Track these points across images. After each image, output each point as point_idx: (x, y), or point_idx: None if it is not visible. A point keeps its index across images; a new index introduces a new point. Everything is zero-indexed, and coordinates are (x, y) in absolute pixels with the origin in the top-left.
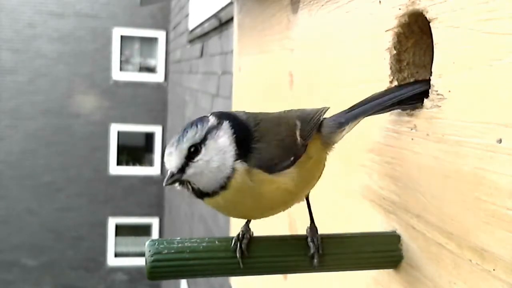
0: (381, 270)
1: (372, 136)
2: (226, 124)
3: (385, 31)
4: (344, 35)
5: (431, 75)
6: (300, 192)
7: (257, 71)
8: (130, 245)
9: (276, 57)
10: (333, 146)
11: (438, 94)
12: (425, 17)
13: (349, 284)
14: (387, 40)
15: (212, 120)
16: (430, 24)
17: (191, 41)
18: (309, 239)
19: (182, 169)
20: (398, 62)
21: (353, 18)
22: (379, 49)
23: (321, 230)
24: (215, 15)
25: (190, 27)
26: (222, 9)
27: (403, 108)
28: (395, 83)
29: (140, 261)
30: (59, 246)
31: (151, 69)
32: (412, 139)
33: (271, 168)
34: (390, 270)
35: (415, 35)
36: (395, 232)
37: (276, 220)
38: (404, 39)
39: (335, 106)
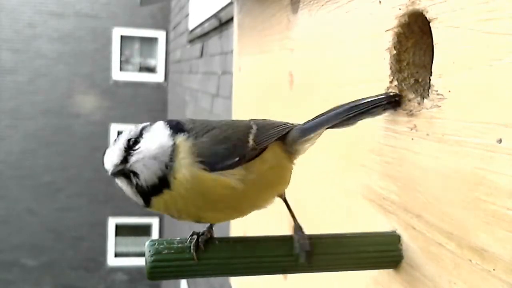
0: (381, 270)
1: (372, 136)
2: (159, 122)
3: (385, 31)
4: (344, 35)
5: (431, 75)
6: (254, 195)
7: (257, 71)
8: (130, 245)
9: (276, 57)
10: (297, 156)
11: (438, 94)
12: (425, 17)
13: (349, 284)
14: (387, 40)
15: (145, 123)
16: (430, 24)
17: (191, 41)
18: (295, 239)
19: (125, 160)
20: (398, 62)
21: (353, 18)
22: (379, 49)
23: (321, 230)
24: (215, 15)
25: (190, 27)
26: (222, 9)
27: (371, 115)
28: (395, 83)
29: (140, 261)
30: (59, 246)
31: (151, 69)
32: (412, 139)
33: (212, 163)
34: (390, 270)
35: (415, 35)
36: (395, 232)
37: (276, 220)
38: (404, 39)
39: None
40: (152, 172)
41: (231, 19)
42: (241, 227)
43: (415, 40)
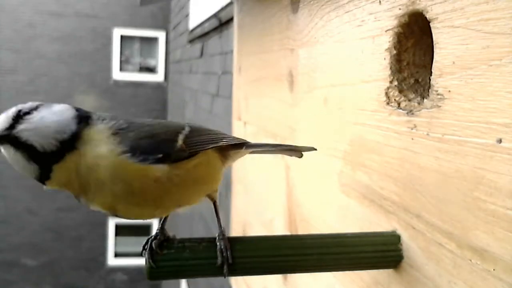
0: (381, 270)
1: (372, 136)
2: (64, 104)
3: (385, 31)
4: (344, 35)
5: (431, 75)
6: (178, 193)
7: (257, 71)
8: (130, 245)
9: (276, 57)
10: (230, 163)
11: (438, 94)
12: (425, 17)
13: (349, 284)
14: (387, 40)
15: (55, 103)
16: (430, 24)
17: (191, 41)
18: (217, 248)
19: (11, 127)
20: (398, 62)
21: (353, 18)
22: (379, 49)
23: (321, 230)
24: (215, 15)
25: (190, 27)
26: (222, 9)
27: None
28: (395, 83)
29: (140, 261)
30: (59, 246)
31: (151, 69)
32: (412, 139)
33: (133, 153)
34: (390, 270)
35: (415, 35)
36: (395, 232)
37: (276, 220)
38: (404, 39)
39: (335, 106)
40: (47, 139)
41: (231, 19)
42: (240, 222)
43: (415, 40)
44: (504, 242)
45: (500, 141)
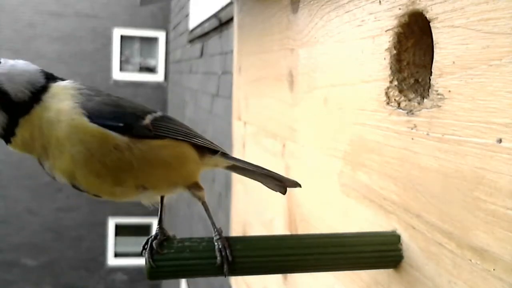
0: (381, 270)
1: (372, 136)
2: (27, 62)
3: (385, 31)
4: (344, 35)
5: (431, 75)
6: (140, 168)
7: (257, 71)
8: (130, 245)
9: (276, 57)
10: (205, 165)
11: (438, 94)
12: (425, 17)
13: (349, 284)
14: (387, 40)
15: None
16: (430, 24)
17: (191, 41)
18: (216, 248)
19: None
20: (398, 62)
21: (353, 18)
22: (379, 49)
23: (321, 230)
24: (215, 15)
25: (190, 27)
26: (222, 9)
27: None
28: (395, 83)
29: (140, 261)
30: (59, 246)
31: (151, 69)
32: (412, 139)
33: (94, 117)
34: (390, 270)
35: (415, 35)
36: (395, 232)
37: (276, 220)
38: (404, 39)
39: (335, 106)
40: (17, 85)
41: (231, 19)
42: (240, 222)
43: (415, 40)
44: (504, 242)
45: (500, 141)
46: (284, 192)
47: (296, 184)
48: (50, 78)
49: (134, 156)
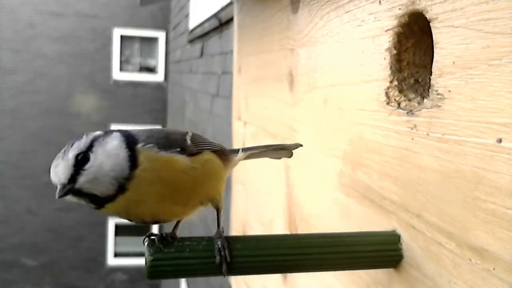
0: (381, 270)
1: (372, 136)
2: (114, 133)
3: (385, 31)
4: (344, 35)
5: (431, 75)
6: (200, 184)
7: (257, 71)
8: (130, 245)
9: (276, 57)
10: (231, 167)
11: (438, 94)
12: (425, 17)
13: (349, 284)
14: (387, 40)
15: (98, 132)
16: (430, 24)
17: (191, 41)
18: (215, 247)
19: (72, 179)
20: (398, 62)
21: (353, 18)
22: (379, 49)
23: (321, 230)
24: (215, 15)
25: (190, 27)
26: (222, 9)
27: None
28: (395, 83)
29: (140, 261)
30: (59, 246)
31: (151, 69)
32: (412, 139)
33: (162, 147)
34: (390, 270)
35: (415, 35)
36: (395, 231)
37: (276, 220)
38: (404, 39)
39: (335, 106)
40: (106, 190)
41: (231, 19)
42: (240, 222)
43: (415, 40)
44: (504, 242)
45: (500, 141)
46: (290, 156)
47: (298, 145)
48: (133, 153)
49: (196, 173)
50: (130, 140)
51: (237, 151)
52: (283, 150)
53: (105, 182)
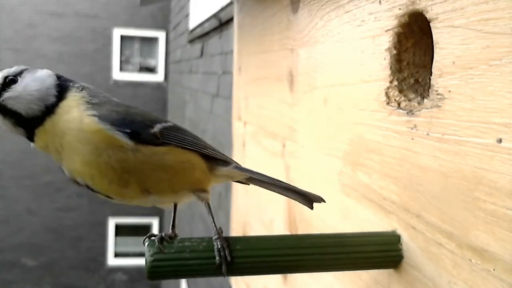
0: (381, 270)
1: (372, 136)
2: (46, 70)
3: (385, 31)
4: (344, 35)
5: (431, 75)
6: (144, 172)
7: (257, 71)
8: (130, 245)
9: (276, 57)
10: (216, 176)
11: (438, 94)
12: (425, 17)
13: (349, 284)
14: (387, 40)
15: (38, 68)
16: (430, 24)
17: (191, 41)
18: (215, 247)
19: None
20: (398, 62)
21: (353, 18)
22: (379, 49)
23: (321, 230)
24: (215, 15)
25: (190, 27)
26: (222, 9)
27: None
28: (395, 83)
29: (140, 261)
30: (59, 246)
31: (151, 69)
32: (412, 139)
33: (103, 119)
34: (390, 270)
35: (415, 35)
36: (395, 232)
37: (276, 220)
38: (404, 39)
39: (335, 106)
40: (30, 107)
41: (231, 19)
42: (240, 222)
43: (415, 40)
44: (504, 242)
45: (500, 141)
46: (311, 207)
47: (320, 199)
48: (65, 89)
49: (137, 158)
50: (65, 80)
51: (229, 164)
52: (298, 194)
53: (29, 101)
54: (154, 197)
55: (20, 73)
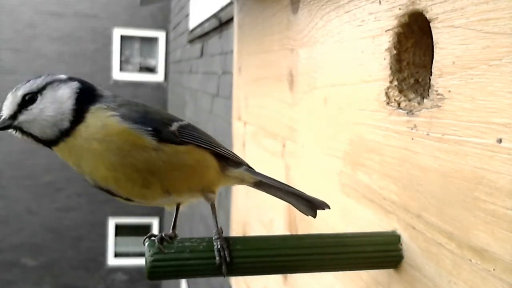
0: (381, 270)
1: (372, 136)
2: (74, 83)
3: (385, 31)
4: (344, 35)
5: (431, 75)
6: (165, 172)
7: (257, 71)
8: (130, 245)
9: (276, 57)
10: (227, 177)
11: (438, 94)
12: (425, 17)
13: (349, 284)
14: (387, 40)
15: (62, 76)
16: (430, 24)
17: (191, 41)
18: (215, 248)
19: (14, 116)
20: (398, 62)
21: (353, 18)
22: (379, 49)
23: (321, 230)
24: (215, 15)
25: (190, 27)
26: (222, 9)
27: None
28: (395, 83)
29: (140, 261)
30: (59, 246)
31: (151, 69)
32: (412, 139)
33: (126, 118)
34: (390, 270)
35: (415, 35)
36: (395, 232)
37: (276, 220)
38: (404, 39)
39: (335, 106)
40: (44, 133)
41: (231, 19)
42: (240, 222)
43: (415, 40)
44: (504, 242)
45: (500, 141)
46: (314, 215)
47: (324, 205)
48: (87, 106)
49: (160, 158)
50: (87, 95)
51: (241, 166)
52: (303, 201)
53: (43, 126)
54: (174, 197)
55: (43, 88)
